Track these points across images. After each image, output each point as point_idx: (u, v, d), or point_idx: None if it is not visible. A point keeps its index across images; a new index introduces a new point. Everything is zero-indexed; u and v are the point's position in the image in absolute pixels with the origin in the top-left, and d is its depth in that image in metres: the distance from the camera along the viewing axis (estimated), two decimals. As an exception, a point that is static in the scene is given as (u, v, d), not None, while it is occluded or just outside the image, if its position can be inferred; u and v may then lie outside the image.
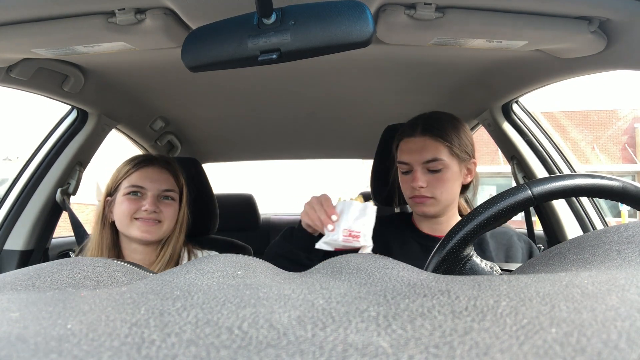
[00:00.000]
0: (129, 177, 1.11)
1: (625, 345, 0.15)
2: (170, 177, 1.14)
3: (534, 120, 1.50)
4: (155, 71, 1.25)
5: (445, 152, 1.02)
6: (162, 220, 1.10)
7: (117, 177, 1.13)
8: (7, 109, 11.91)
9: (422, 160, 1.02)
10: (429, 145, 1.02)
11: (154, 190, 1.10)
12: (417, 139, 1.04)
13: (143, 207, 1.07)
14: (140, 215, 1.07)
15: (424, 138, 1.03)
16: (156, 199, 1.10)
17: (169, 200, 1.13)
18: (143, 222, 1.07)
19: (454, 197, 1.06)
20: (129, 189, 1.09)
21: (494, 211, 0.57)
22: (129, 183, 1.10)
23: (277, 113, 1.69)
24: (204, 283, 0.27)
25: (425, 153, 1.02)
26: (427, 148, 1.02)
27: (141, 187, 1.09)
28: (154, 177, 1.11)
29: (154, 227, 1.09)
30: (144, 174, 1.11)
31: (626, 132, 16.08)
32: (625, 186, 0.56)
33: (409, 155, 1.04)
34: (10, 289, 0.29)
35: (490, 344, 0.17)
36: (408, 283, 0.26)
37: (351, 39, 0.61)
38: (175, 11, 0.82)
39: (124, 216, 1.08)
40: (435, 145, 1.02)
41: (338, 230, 0.86)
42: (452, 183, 1.03)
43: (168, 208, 1.12)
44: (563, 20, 0.85)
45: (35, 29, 0.84)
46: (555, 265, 0.36)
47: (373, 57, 1.16)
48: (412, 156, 1.03)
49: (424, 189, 1.02)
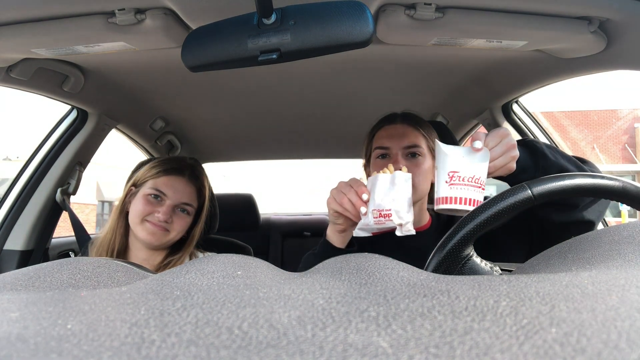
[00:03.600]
0: (156, 179, 1.12)
1: (625, 345, 0.15)
2: (194, 191, 1.15)
3: (534, 120, 1.50)
4: (155, 71, 1.25)
5: (423, 142, 1.03)
6: (170, 230, 1.11)
7: (146, 174, 1.14)
8: (7, 109, 11.91)
9: (402, 145, 1.02)
10: (410, 133, 1.03)
11: (173, 200, 1.11)
12: (397, 126, 1.05)
13: (157, 212, 1.08)
14: (151, 219, 1.08)
15: (404, 125, 1.04)
16: (172, 208, 1.11)
17: (184, 213, 1.13)
18: (151, 225, 1.08)
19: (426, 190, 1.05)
20: (150, 191, 1.10)
21: (494, 211, 0.57)
22: (153, 185, 1.11)
23: (277, 113, 1.69)
24: (204, 283, 0.27)
25: (405, 139, 1.02)
26: (407, 135, 1.02)
27: (163, 193, 1.10)
28: (178, 188, 1.12)
29: (160, 233, 1.09)
30: (169, 182, 1.12)
31: (626, 132, 16.08)
32: (625, 186, 0.56)
33: (389, 140, 1.03)
34: (10, 289, 0.29)
35: (490, 344, 0.17)
36: (408, 283, 0.26)
37: (351, 39, 0.61)
38: (175, 11, 0.82)
39: (136, 215, 1.09)
40: (415, 134, 1.03)
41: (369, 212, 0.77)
42: (427, 174, 1.02)
43: (180, 220, 1.12)
44: (563, 20, 0.85)
45: (35, 29, 0.84)
46: (555, 265, 0.36)
47: (373, 57, 1.16)
48: (393, 141, 1.03)
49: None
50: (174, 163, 1.16)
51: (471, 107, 1.53)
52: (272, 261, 1.90)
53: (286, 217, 2.57)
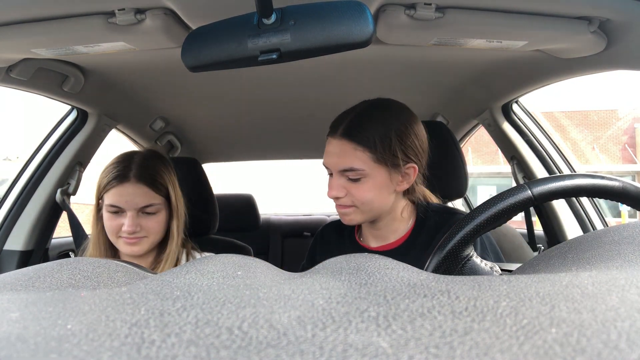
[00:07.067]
0: (108, 193, 1.05)
1: (625, 346, 0.15)
2: (148, 190, 1.06)
3: (534, 120, 1.50)
4: (155, 71, 1.25)
5: (366, 159, 0.88)
6: (146, 236, 1.07)
7: (101, 187, 1.07)
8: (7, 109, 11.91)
9: (338, 168, 0.90)
10: (346, 152, 0.89)
11: (131, 210, 1.04)
12: (335, 142, 0.91)
13: (123, 226, 1.03)
14: (122, 234, 1.05)
15: (342, 142, 0.89)
16: (136, 216, 1.05)
17: (152, 215, 1.07)
18: (126, 240, 1.05)
19: (382, 206, 0.93)
20: (108, 208, 1.05)
21: (493, 211, 0.57)
22: (108, 201, 1.05)
23: (277, 113, 1.69)
24: (204, 283, 0.27)
25: (341, 160, 0.89)
26: (344, 155, 0.89)
27: (118, 206, 1.04)
28: (129, 196, 1.04)
29: (138, 243, 1.06)
30: (119, 192, 1.04)
31: (626, 132, 16.08)
32: (625, 186, 0.56)
33: (327, 158, 0.93)
34: (10, 289, 0.28)
35: (490, 344, 0.17)
36: (408, 283, 0.26)
37: (351, 39, 0.61)
38: (175, 11, 0.82)
39: (110, 233, 1.06)
40: (352, 153, 0.88)
41: None
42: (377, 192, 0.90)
43: (151, 222, 1.07)
44: (563, 20, 0.85)
45: (35, 29, 0.84)
46: (555, 266, 0.36)
47: (373, 57, 1.16)
48: (330, 160, 0.92)
49: (343, 199, 0.91)
50: (116, 169, 1.07)
51: (471, 107, 1.53)
52: (272, 261, 1.90)
53: (286, 217, 2.57)
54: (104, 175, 1.08)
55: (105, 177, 1.07)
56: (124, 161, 1.09)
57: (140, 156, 1.12)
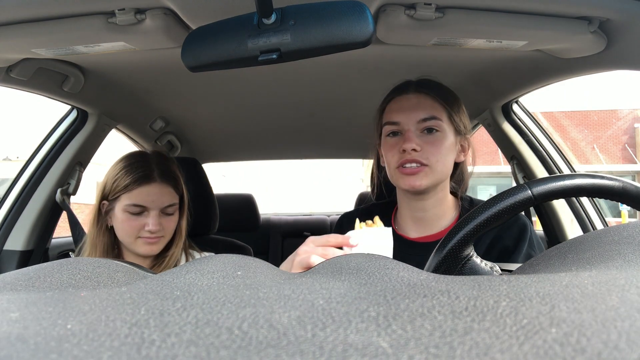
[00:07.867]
0: (129, 193, 1.05)
1: (625, 346, 0.15)
2: (171, 189, 1.10)
3: (534, 120, 1.50)
4: (155, 71, 1.25)
5: (442, 113, 0.87)
6: (164, 235, 1.09)
7: (116, 187, 1.06)
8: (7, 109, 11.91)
9: (417, 119, 0.87)
10: (425, 103, 0.88)
11: (156, 209, 1.06)
12: (410, 96, 0.89)
13: (147, 226, 1.05)
14: (144, 234, 1.06)
15: (418, 95, 0.89)
16: (159, 216, 1.07)
17: (171, 215, 1.10)
18: (147, 240, 1.06)
19: (447, 172, 0.90)
20: (130, 208, 1.05)
21: (494, 211, 0.57)
22: (129, 201, 1.05)
23: (277, 113, 1.69)
24: (204, 283, 0.27)
25: (420, 111, 0.87)
26: (422, 105, 0.88)
27: (143, 205, 1.05)
28: (155, 195, 1.06)
29: (157, 243, 1.08)
30: (145, 192, 1.05)
31: (626, 132, 16.08)
32: (625, 186, 0.56)
33: (399, 113, 0.88)
34: (10, 289, 0.28)
35: (490, 344, 0.17)
36: (408, 283, 0.26)
37: (351, 39, 0.61)
38: (175, 11, 0.82)
39: (127, 235, 1.06)
40: (431, 104, 0.88)
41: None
42: (448, 152, 0.87)
43: (170, 222, 1.10)
44: (563, 20, 0.85)
45: (35, 29, 0.84)
46: (555, 265, 0.36)
47: (373, 57, 1.16)
48: (404, 114, 0.88)
49: (417, 153, 0.86)
50: (139, 170, 1.07)
51: (471, 107, 1.53)
52: (272, 261, 1.90)
53: (286, 217, 2.57)
54: (121, 176, 1.07)
55: (123, 177, 1.06)
56: (141, 162, 1.10)
57: (157, 156, 1.13)
